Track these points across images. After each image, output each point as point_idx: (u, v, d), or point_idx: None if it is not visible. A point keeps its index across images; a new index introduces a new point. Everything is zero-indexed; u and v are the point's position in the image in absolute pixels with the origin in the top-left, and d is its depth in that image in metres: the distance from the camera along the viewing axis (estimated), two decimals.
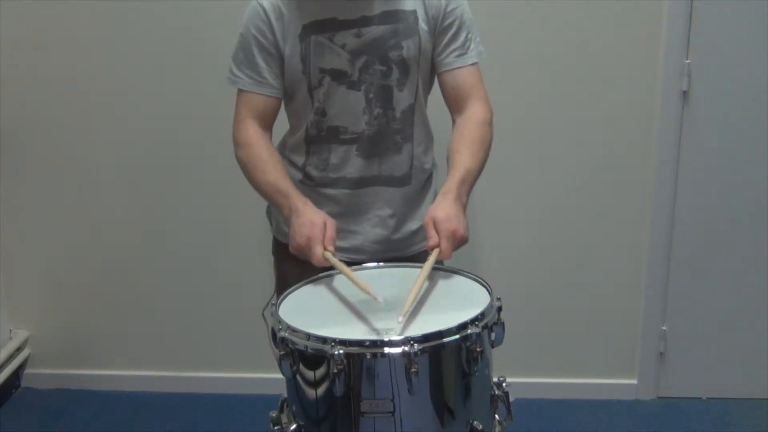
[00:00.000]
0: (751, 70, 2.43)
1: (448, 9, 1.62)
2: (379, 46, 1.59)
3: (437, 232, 1.44)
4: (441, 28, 1.62)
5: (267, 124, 1.67)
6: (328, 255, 1.44)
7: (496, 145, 1.65)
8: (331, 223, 1.49)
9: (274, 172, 1.60)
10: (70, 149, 2.67)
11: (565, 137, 2.54)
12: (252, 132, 1.64)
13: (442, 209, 1.46)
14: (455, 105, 1.67)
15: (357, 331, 1.26)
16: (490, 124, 1.65)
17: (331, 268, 1.46)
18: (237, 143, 1.66)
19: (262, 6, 1.59)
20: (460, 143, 1.60)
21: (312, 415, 1.28)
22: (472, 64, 1.66)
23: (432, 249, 1.44)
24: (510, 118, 1.99)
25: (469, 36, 1.64)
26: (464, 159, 1.56)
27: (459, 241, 1.46)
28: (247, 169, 1.64)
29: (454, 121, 1.68)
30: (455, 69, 1.64)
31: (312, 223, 1.47)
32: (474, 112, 1.64)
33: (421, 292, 1.38)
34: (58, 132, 2.66)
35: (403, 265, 1.56)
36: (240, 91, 1.65)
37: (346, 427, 1.23)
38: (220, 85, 1.67)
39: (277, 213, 1.69)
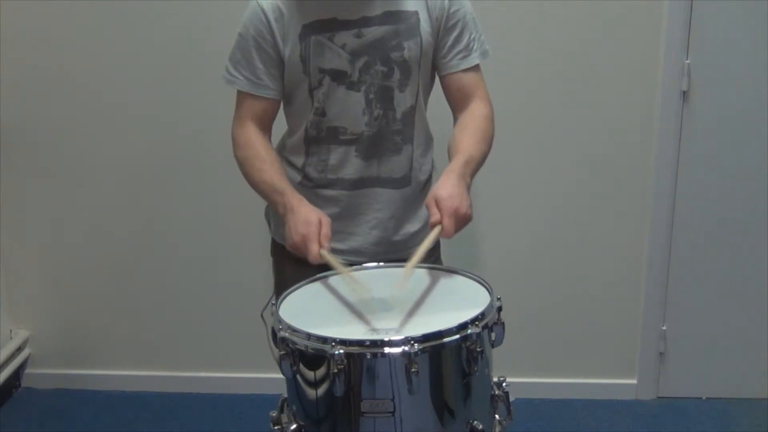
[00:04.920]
0: (751, 70, 2.44)
1: (452, 10, 1.61)
2: (380, 47, 1.59)
3: (439, 210, 1.43)
4: (444, 29, 1.62)
5: (265, 124, 1.68)
6: (324, 253, 1.44)
7: (496, 144, 1.65)
8: (326, 221, 1.48)
9: (271, 170, 1.61)
10: (70, 149, 2.67)
11: (565, 137, 2.54)
12: (250, 132, 1.64)
13: (444, 188, 1.45)
14: (458, 105, 1.67)
15: (357, 331, 1.26)
16: (491, 119, 1.65)
17: (329, 266, 1.46)
18: (235, 143, 1.67)
19: (261, 7, 1.58)
20: (463, 134, 1.61)
21: (312, 415, 1.28)
22: (476, 65, 1.66)
23: (434, 226, 1.43)
24: (510, 118, 1.99)
25: (473, 37, 1.64)
26: (467, 146, 1.57)
27: (462, 220, 1.44)
28: (244, 169, 1.65)
29: (455, 119, 1.68)
30: (459, 71, 1.64)
31: (307, 221, 1.47)
32: (476, 108, 1.64)
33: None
34: (59, 132, 2.66)
35: (403, 265, 1.55)
36: (239, 91, 1.66)
37: (346, 427, 1.23)
38: (221, 85, 1.68)
39: (275, 214, 1.70)
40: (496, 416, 1.35)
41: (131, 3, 2.49)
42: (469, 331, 1.22)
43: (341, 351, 1.17)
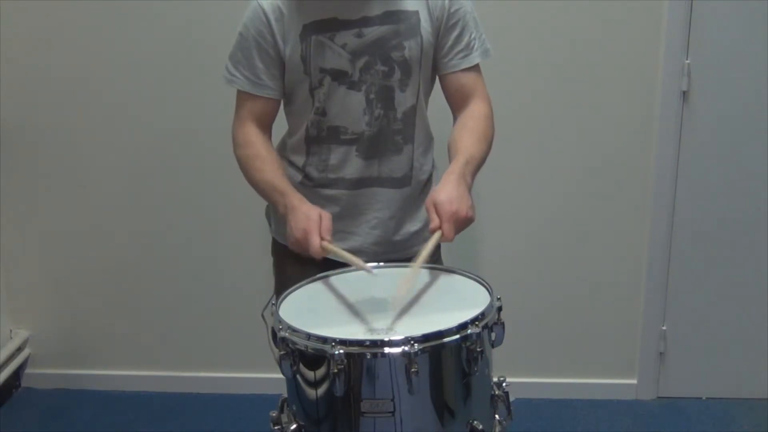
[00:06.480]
0: (751, 70, 2.44)
1: (452, 9, 1.61)
2: (380, 47, 1.59)
3: (438, 215, 1.42)
4: (445, 28, 1.62)
5: (265, 124, 1.68)
6: (326, 244, 1.44)
7: (496, 144, 1.65)
8: (326, 215, 1.49)
9: (271, 170, 1.61)
10: (70, 149, 2.67)
11: (565, 137, 2.54)
12: (250, 132, 1.65)
13: (444, 191, 1.45)
14: (457, 104, 1.67)
15: (357, 331, 1.26)
16: (491, 119, 1.65)
17: (330, 263, 1.46)
18: (236, 143, 1.67)
19: (261, 7, 1.59)
20: (463, 134, 1.61)
21: (312, 415, 1.28)
22: (476, 65, 1.66)
23: (433, 231, 1.43)
24: (510, 118, 2.00)
25: (473, 36, 1.64)
26: (467, 145, 1.57)
27: (462, 223, 1.44)
28: (245, 168, 1.65)
29: (455, 118, 1.68)
30: (459, 71, 1.64)
31: (307, 216, 1.47)
32: (476, 108, 1.65)
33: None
34: (59, 132, 2.66)
35: (404, 265, 1.55)
36: (239, 91, 1.66)
37: (346, 427, 1.23)
38: (221, 85, 1.68)
39: (276, 213, 1.70)
40: (496, 416, 1.35)
41: (131, 3, 2.49)
42: (469, 331, 1.22)
43: (341, 351, 1.17)
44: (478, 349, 1.22)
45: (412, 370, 1.16)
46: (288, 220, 1.52)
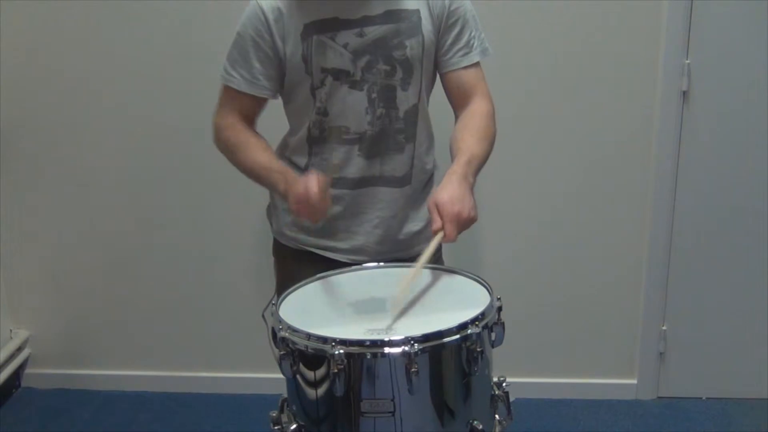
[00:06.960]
0: (751, 70, 2.44)
1: (452, 8, 1.62)
2: (382, 46, 1.59)
3: (440, 215, 1.42)
4: (445, 27, 1.62)
5: (250, 120, 1.68)
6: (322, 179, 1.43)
7: (496, 144, 1.65)
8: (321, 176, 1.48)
9: (266, 154, 1.62)
10: (70, 149, 2.67)
11: (565, 137, 2.54)
12: (235, 120, 1.65)
13: (445, 191, 1.45)
14: (459, 102, 1.68)
15: (357, 331, 1.26)
16: (493, 117, 1.66)
17: (330, 263, 1.46)
18: (219, 127, 1.67)
19: (260, 7, 1.58)
20: (464, 133, 1.61)
21: (312, 415, 1.28)
22: (476, 63, 1.66)
23: (436, 233, 1.43)
24: (510, 118, 2.00)
25: (473, 34, 1.65)
26: (469, 145, 1.57)
27: (465, 223, 1.44)
28: (234, 150, 1.64)
29: (456, 116, 1.68)
30: (460, 69, 1.64)
31: (303, 179, 1.47)
32: (477, 106, 1.65)
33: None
34: (59, 132, 2.66)
35: (404, 265, 1.55)
36: (229, 87, 1.65)
37: (346, 427, 1.23)
38: (220, 85, 1.68)
39: (275, 211, 1.71)
40: (496, 416, 1.35)
41: (131, 3, 2.49)
42: (469, 331, 1.22)
43: (341, 351, 1.17)
44: (478, 349, 1.23)
45: (412, 370, 1.17)
46: (288, 194, 1.51)
